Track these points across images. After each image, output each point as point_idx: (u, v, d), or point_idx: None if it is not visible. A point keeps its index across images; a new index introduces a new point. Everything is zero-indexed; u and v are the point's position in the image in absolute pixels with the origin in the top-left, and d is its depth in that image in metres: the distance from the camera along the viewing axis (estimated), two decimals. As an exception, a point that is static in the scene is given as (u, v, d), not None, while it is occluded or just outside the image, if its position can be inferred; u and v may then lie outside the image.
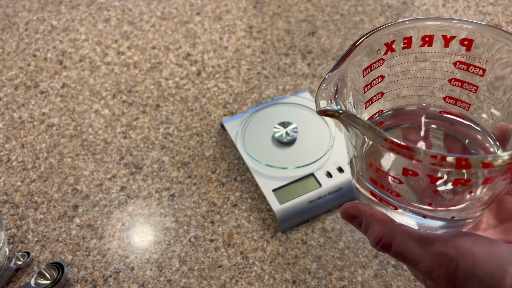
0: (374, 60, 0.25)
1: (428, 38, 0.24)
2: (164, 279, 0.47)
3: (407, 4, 0.80)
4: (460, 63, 0.25)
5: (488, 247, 0.21)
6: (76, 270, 0.48)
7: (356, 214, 0.24)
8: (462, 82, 0.25)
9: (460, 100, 0.26)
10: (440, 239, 0.21)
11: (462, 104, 0.26)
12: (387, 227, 0.23)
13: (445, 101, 0.26)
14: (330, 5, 0.80)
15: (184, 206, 0.53)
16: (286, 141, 0.56)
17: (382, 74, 0.25)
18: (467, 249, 0.21)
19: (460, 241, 0.21)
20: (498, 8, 0.78)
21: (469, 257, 0.20)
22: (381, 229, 0.23)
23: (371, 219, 0.23)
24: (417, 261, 0.21)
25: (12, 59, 0.73)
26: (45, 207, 0.54)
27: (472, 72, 0.24)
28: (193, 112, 0.63)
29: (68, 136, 0.61)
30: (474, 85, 0.25)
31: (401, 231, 0.22)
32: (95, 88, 0.68)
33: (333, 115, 0.21)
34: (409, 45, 0.25)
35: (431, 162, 0.18)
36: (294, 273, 0.47)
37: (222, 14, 0.79)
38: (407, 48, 0.25)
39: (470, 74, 0.25)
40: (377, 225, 0.23)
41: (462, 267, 0.20)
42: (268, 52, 0.72)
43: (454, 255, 0.21)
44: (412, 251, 0.22)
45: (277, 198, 0.51)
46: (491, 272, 0.20)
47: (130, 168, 0.57)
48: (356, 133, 0.21)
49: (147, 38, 0.75)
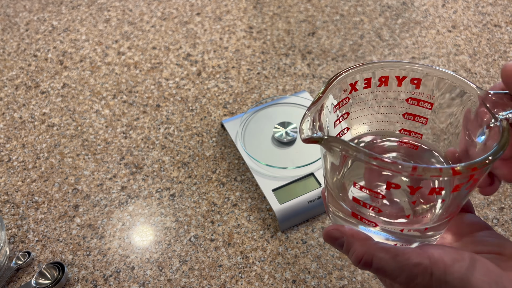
0: (342, 98, 0.28)
1: (384, 79, 0.28)
2: (165, 279, 0.47)
3: (406, 4, 0.80)
4: (411, 99, 0.28)
5: (455, 255, 0.23)
6: (77, 270, 0.48)
7: (338, 236, 0.26)
8: (414, 116, 0.29)
9: (414, 132, 0.30)
10: (414, 251, 0.24)
11: (415, 135, 0.30)
12: (367, 246, 0.25)
13: (401, 133, 0.30)
14: (330, 5, 0.80)
15: (184, 206, 0.53)
16: (286, 141, 0.56)
17: (347, 111, 0.29)
18: (438, 258, 0.23)
19: (431, 250, 0.24)
20: (498, 9, 0.78)
21: (440, 264, 0.23)
22: (361, 248, 0.25)
23: (351, 239, 0.25)
24: (396, 274, 0.24)
25: (12, 59, 0.73)
26: (45, 207, 0.54)
27: (422, 106, 0.28)
28: (193, 112, 0.64)
29: (69, 136, 0.61)
30: (424, 117, 0.29)
31: (379, 248, 0.24)
32: (95, 88, 0.68)
33: (318, 140, 0.24)
34: (369, 85, 0.28)
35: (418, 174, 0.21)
36: (294, 273, 0.48)
37: (222, 15, 0.79)
38: (368, 88, 0.28)
39: (420, 108, 0.28)
40: (357, 244, 0.25)
41: (435, 274, 0.23)
42: (268, 52, 0.72)
43: (427, 264, 0.23)
44: (391, 266, 0.24)
45: (277, 198, 0.51)
46: (460, 276, 0.22)
47: (131, 168, 0.57)
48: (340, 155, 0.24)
49: (147, 38, 0.75)
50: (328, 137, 0.23)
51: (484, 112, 0.24)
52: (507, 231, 0.50)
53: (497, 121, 0.23)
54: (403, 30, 0.75)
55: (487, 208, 0.52)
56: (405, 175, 0.22)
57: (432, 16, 0.77)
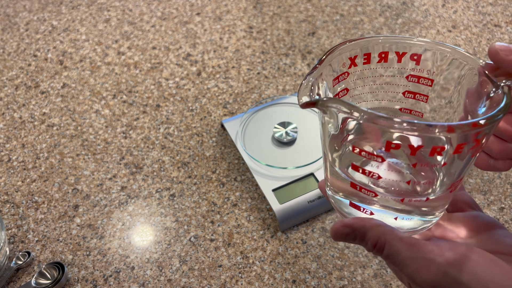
0: (341, 72, 0.27)
1: (384, 55, 0.27)
2: (165, 279, 0.47)
3: (406, 4, 0.80)
4: (412, 76, 0.28)
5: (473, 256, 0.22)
6: (77, 270, 0.48)
7: (347, 232, 0.25)
8: (415, 94, 0.28)
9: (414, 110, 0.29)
10: (429, 245, 0.23)
11: (415, 113, 0.29)
12: (380, 230, 0.24)
13: (401, 111, 0.30)
14: (330, 5, 0.80)
15: (184, 206, 0.53)
16: (286, 141, 0.56)
17: (347, 87, 0.28)
18: (454, 257, 0.22)
19: (447, 247, 0.23)
20: (498, 9, 0.78)
21: (456, 264, 0.22)
22: (376, 234, 0.24)
23: (363, 229, 0.24)
24: (405, 264, 0.23)
25: (12, 59, 0.73)
26: (45, 207, 0.54)
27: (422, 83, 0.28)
28: (193, 112, 0.64)
29: (69, 136, 0.61)
30: (425, 95, 0.28)
31: (393, 235, 0.24)
32: (95, 88, 0.68)
33: (315, 102, 0.23)
34: (369, 61, 0.28)
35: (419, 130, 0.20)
36: (294, 273, 0.47)
37: (222, 15, 0.79)
38: (367, 64, 0.28)
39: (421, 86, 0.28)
40: (371, 231, 0.24)
41: (450, 274, 0.22)
42: (268, 52, 0.72)
43: (442, 262, 0.22)
44: (402, 255, 0.23)
45: (277, 198, 0.51)
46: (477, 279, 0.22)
47: (131, 168, 0.57)
48: (338, 119, 0.24)
49: (147, 38, 0.75)
50: (326, 98, 0.23)
51: (485, 82, 0.24)
52: (507, 231, 0.50)
53: (498, 88, 0.23)
54: (403, 30, 0.75)
55: (487, 208, 0.52)
56: (406, 132, 0.21)
57: (432, 16, 0.77)
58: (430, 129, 0.20)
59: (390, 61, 0.28)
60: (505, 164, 0.27)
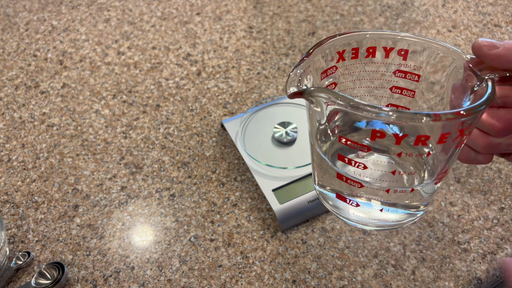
0: (329, 66, 0.27)
1: (371, 49, 0.28)
2: (164, 279, 0.47)
3: (406, 4, 0.80)
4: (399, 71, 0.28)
5: None
6: (77, 270, 0.48)
7: None
8: (402, 89, 0.29)
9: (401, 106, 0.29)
10: None
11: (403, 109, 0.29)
12: None
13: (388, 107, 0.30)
14: (330, 5, 0.80)
15: (184, 206, 0.53)
16: (286, 141, 0.56)
17: (335, 81, 0.28)
18: None
19: None
20: (498, 8, 0.78)
21: None
22: None
23: None
24: None
25: (12, 59, 0.73)
26: (45, 207, 0.54)
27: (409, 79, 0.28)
28: (193, 112, 0.64)
29: (69, 136, 0.61)
30: (412, 91, 0.28)
31: None
32: (95, 88, 0.68)
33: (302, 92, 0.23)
34: (357, 56, 0.28)
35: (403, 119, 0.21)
36: (294, 273, 0.47)
37: (222, 14, 0.79)
38: (355, 58, 0.28)
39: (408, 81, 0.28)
40: None
41: None
42: (268, 52, 0.72)
43: None
44: None
45: (277, 198, 0.51)
46: None
47: (131, 168, 0.57)
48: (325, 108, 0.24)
49: (147, 38, 0.75)
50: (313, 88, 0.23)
51: (470, 76, 0.25)
52: (507, 231, 0.50)
53: (482, 82, 0.24)
54: (403, 30, 0.75)
55: (487, 208, 0.52)
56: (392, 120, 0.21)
57: (432, 16, 0.77)
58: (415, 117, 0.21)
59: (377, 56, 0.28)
60: (486, 158, 0.27)
